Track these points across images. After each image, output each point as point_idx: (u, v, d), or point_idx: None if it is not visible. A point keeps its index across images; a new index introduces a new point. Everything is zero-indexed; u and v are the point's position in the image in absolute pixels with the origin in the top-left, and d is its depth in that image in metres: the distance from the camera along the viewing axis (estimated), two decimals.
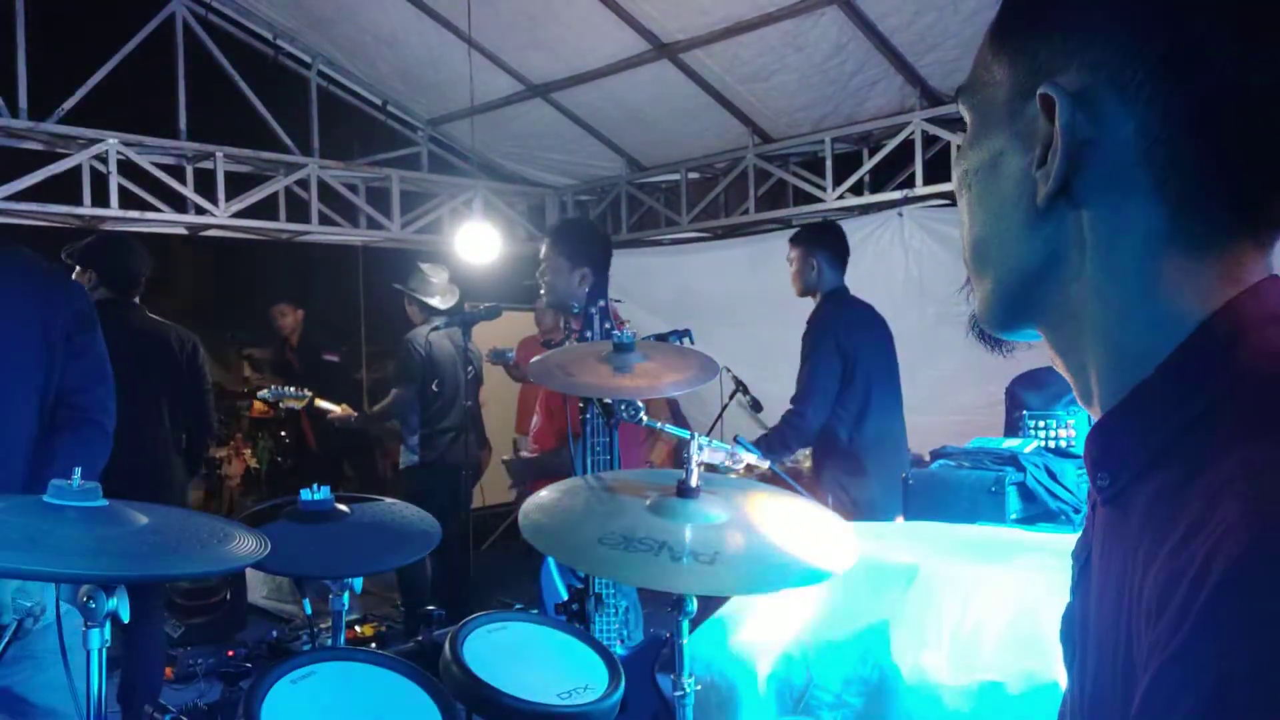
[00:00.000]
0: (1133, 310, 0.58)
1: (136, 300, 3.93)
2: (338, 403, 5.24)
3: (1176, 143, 0.54)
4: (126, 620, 1.29)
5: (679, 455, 1.61)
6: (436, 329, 4.80)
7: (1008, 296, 0.65)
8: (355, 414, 5.21)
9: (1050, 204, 0.59)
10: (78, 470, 1.30)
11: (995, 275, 0.65)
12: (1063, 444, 3.53)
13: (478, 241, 5.45)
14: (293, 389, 5.08)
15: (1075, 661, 0.64)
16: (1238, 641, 0.43)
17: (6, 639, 1.64)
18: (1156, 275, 0.57)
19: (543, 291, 3.04)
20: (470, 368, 4.78)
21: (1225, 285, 0.56)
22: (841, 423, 3.61)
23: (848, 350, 3.59)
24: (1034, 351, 0.70)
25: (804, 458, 4.08)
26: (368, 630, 4.94)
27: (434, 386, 4.84)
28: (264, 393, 5.25)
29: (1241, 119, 0.53)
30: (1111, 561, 0.59)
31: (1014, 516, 3.17)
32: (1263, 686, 0.42)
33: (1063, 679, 0.68)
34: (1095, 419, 0.62)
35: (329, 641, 1.82)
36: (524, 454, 3.73)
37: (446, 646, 1.47)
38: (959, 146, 0.68)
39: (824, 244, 3.81)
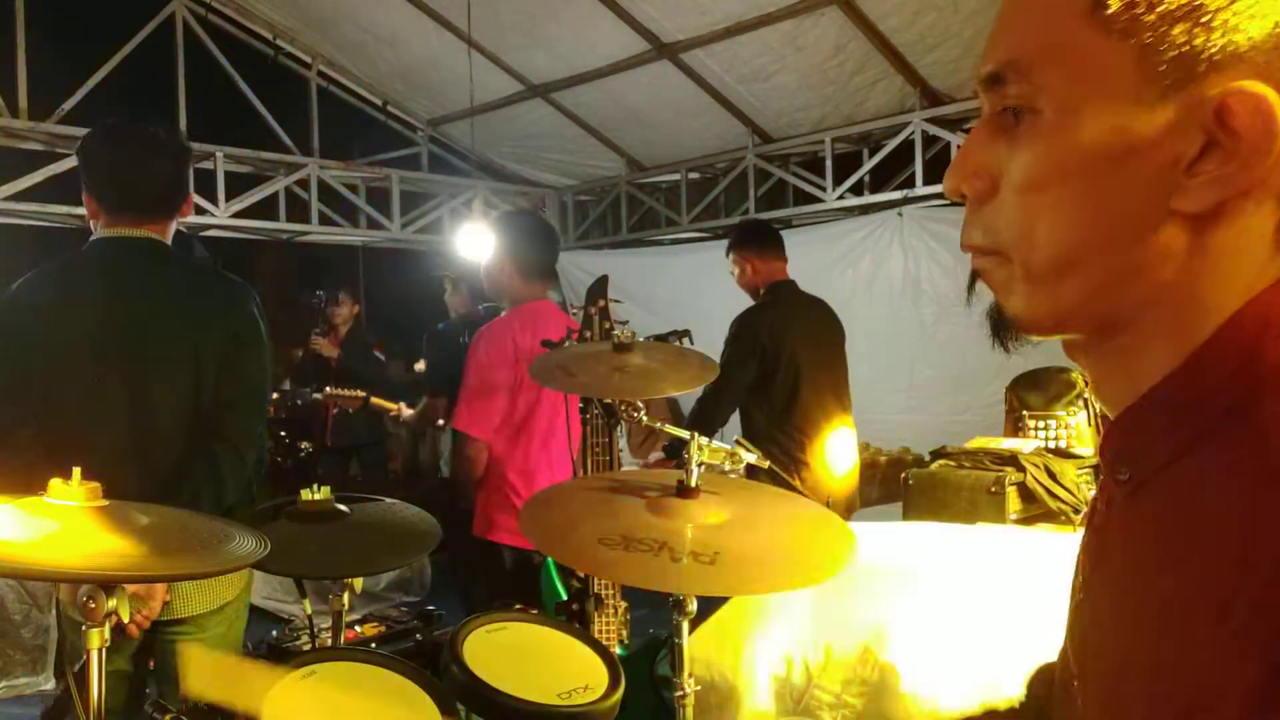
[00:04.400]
0: (1219, 316, 0.56)
1: None
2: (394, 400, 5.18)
3: None
4: (127, 620, 1.29)
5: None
6: (473, 321, 4.77)
7: (1088, 304, 0.59)
8: (410, 412, 5.10)
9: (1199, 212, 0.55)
10: (77, 470, 1.30)
11: (1084, 281, 0.58)
12: (1063, 444, 3.53)
13: (478, 241, 5.45)
14: (345, 390, 5.05)
15: (1088, 656, 0.63)
16: None
17: None
18: (1250, 281, 0.55)
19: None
20: None
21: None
22: (764, 415, 3.68)
23: (771, 345, 3.64)
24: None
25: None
26: (368, 630, 4.93)
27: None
28: (320, 393, 5.22)
29: None
30: (1134, 556, 0.58)
31: (1014, 516, 3.17)
32: None
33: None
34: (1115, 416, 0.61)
35: (329, 641, 1.81)
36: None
37: (446, 646, 1.47)
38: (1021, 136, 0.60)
39: (746, 241, 3.86)
